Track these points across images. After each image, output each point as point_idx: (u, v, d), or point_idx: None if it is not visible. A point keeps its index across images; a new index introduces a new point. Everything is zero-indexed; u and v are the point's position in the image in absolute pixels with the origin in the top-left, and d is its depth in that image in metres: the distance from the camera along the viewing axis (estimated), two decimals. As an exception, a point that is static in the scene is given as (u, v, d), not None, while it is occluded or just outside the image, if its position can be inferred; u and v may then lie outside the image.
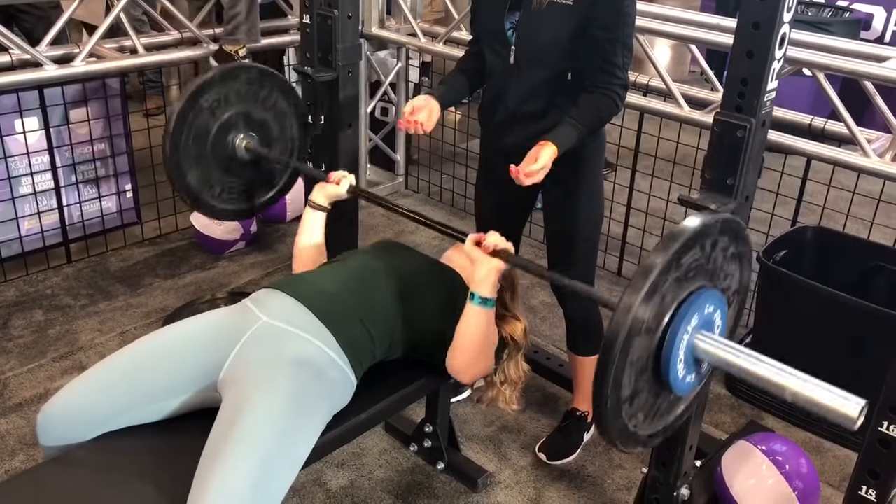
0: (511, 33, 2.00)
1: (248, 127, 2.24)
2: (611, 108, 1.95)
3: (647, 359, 1.34)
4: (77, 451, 1.63)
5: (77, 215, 3.25)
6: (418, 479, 2.28)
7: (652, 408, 1.42)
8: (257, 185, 2.36)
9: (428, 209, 3.97)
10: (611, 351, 1.25)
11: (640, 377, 1.34)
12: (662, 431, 1.49)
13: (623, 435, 1.37)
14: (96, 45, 3.04)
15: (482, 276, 1.75)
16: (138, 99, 4.27)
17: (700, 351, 1.38)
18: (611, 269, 3.43)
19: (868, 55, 2.62)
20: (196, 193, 2.21)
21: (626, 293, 1.26)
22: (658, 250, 1.29)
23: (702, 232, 1.36)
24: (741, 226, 1.47)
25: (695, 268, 1.38)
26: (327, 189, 2.09)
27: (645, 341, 1.31)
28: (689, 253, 1.34)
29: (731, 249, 1.47)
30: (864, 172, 2.57)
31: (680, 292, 1.35)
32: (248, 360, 1.63)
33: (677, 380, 1.37)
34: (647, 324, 1.29)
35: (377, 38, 3.78)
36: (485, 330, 1.79)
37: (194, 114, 2.12)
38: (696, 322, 1.37)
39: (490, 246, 1.75)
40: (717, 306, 1.42)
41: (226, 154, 2.22)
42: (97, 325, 2.89)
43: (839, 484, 2.30)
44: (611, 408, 1.29)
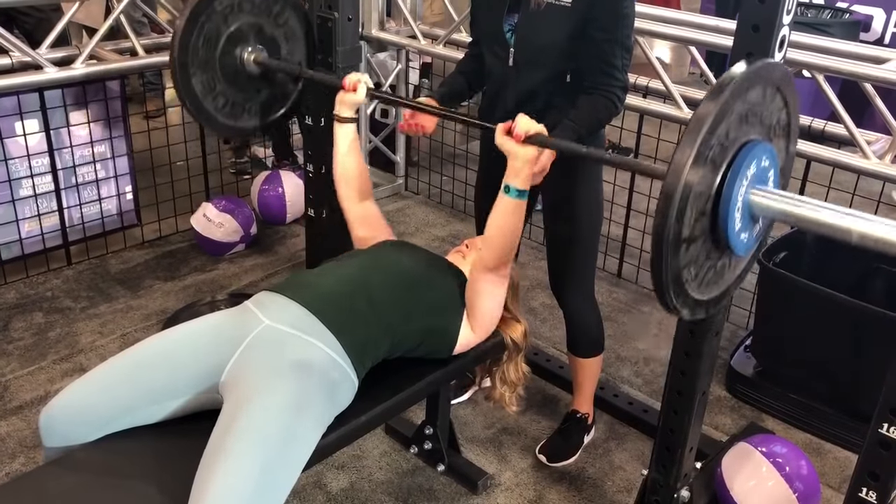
0: (510, 35, 2.00)
1: (258, 40, 2.22)
2: (610, 109, 1.95)
3: (705, 204, 1.28)
4: (78, 453, 1.63)
5: (77, 217, 3.25)
6: (419, 481, 2.28)
7: (704, 267, 1.35)
8: (263, 104, 2.33)
9: (428, 211, 3.97)
10: (668, 208, 1.19)
11: (696, 223, 1.27)
12: (711, 302, 1.41)
13: (677, 283, 1.28)
14: (96, 48, 3.04)
15: (517, 168, 1.71)
16: (138, 101, 4.27)
17: (757, 206, 1.33)
18: (611, 270, 3.43)
19: (868, 57, 2.62)
20: (199, 100, 2.17)
21: (675, 153, 1.20)
22: (718, 88, 1.23)
23: (754, 77, 1.30)
24: (789, 75, 1.40)
25: (754, 114, 1.32)
26: (346, 98, 2.05)
27: (704, 185, 1.25)
28: (750, 94, 1.29)
29: (780, 101, 1.40)
30: (863, 174, 2.57)
31: (738, 137, 1.29)
32: (249, 363, 1.63)
33: (734, 234, 1.31)
34: (703, 178, 1.23)
35: (377, 39, 3.78)
36: (518, 221, 1.78)
37: (207, 15, 2.09)
38: (752, 173, 1.31)
39: (522, 133, 1.68)
40: (772, 162, 1.36)
41: (233, 65, 2.20)
42: (97, 328, 2.89)
43: (839, 486, 2.30)
44: (671, 241, 1.21)
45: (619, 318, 3.11)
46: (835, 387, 2.49)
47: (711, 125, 1.21)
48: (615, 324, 3.07)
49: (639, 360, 2.88)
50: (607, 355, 2.84)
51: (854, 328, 2.38)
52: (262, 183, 3.65)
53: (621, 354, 2.90)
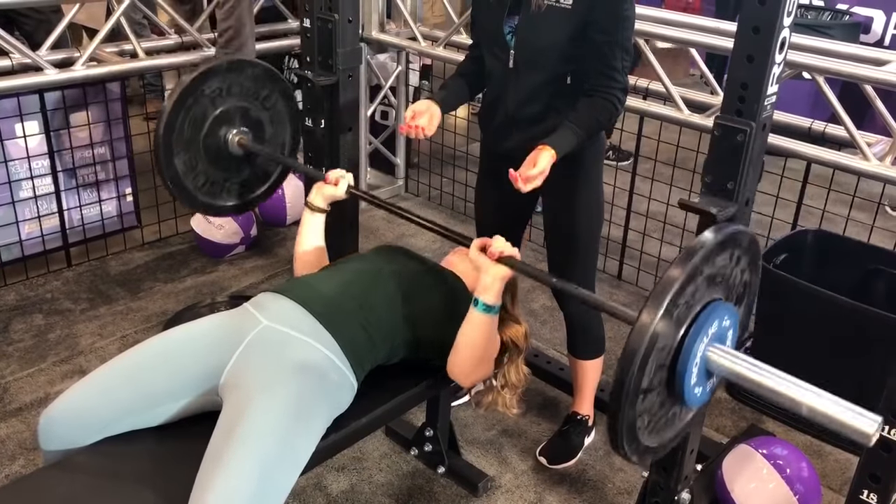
0: (510, 37, 2.00)
1: (244, 123, 2.24)
2: (610, 111, 1.95)
3: (666, 356, 1.33)
4: (77, 456, 1.62)
5: (77, 219, 3.25)
6: (419, 483, 2.28)
7: (657, 415, 1.41)
8: (243, 184, 2.36)
9: (428, 213, 3.97)
10: (630, 363, 1.25)
11: (655, 375, 1.33)
12: (657, 449, 1.48)
13: (630, 432, 1.34)
14: (97, 49, 3.04)
15: (487, 284, 1.74)
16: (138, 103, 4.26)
17: (713, 364, 1.38)
18: (611, 272, 3.43)
19: (868, 59, 2.62)
20: (179, 179, 2.20)
21: (645, 309, 1.26)
22: (680, 261, 1.29)
23: (721, 245, 1.36)
24: (756, 241, 1.47)
25: (720, 276, 1.38)
26: (325, 190, 2.07)
27: (667, 339, 1.30)
28: (718, 258, 1.35)
29: (745, 263, 1.46)
30: (863, 176, 2.57)
31: (704, 297, 1.35)
32: (249, 364, 1.63)
33: (689, 387, 1.37)
34: (667, 333, 1.29)
35: (377, 41, 3.78)
36: (488, 336, 1.79)
37: (194, 99, 2.12)
38: (713, 331, 1.37)
39: (496, 252, 1.72)
40: (732, 323, 1.42)
41: (216, 145, 2.22)
42: (97, 330, 2.89)
43: (840, 488, 2.29)
44: (631, 391, 1.27)
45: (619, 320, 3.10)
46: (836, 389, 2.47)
47: (679, 287, 1.27)
48: (616, 325, 3.06)
49: (639, 362, 2.87)
50: (608, 357, 2.83)
51: (855, 330, 2.38)
52: (262, 185, 3.65)
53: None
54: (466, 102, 2.26)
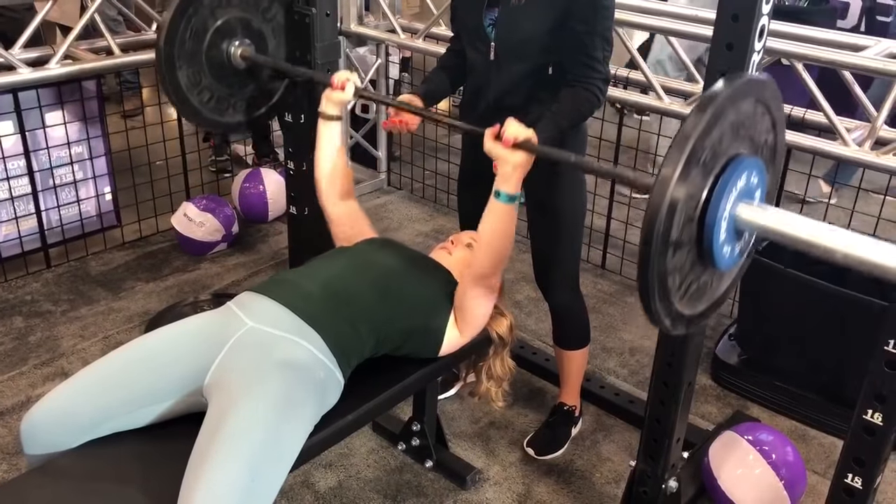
0: (490, 29, 1.99)
1: (246, 35, 2.20)
2: (591, 101, 1.95)
3: (694, 209, 1.27)
4: (61, 459, 1.60)
5: (55, 219, 3.21)
6: (407, 477, 2.27)
7: (687, 278, 1.34)
8: (249, 100, 2.31)
9: (411, 206, 3.96)
10: (658, 210, 1.19)
11: (684, 228, 1.26)
12: (691, 318, 1.39)
13: (662, 286, 1.27)
14: (71, 47, 3.00)
15: (507, 174, 1.69)
16: (116, 100, 4.22)
17: (743, 220, 1.32)
18: (594, 262, 3.43)
19: (845, 45, 2.64)
20: (184, 93, 2.15)
21: (667, 156, 1.19)
22: (713, 91, 1.22)
23: (744, 87, 1.29)
24: (779, 95, 1.40)
25: (745, 127, 1.31)
26: (333, 96, 2.03)
27: (690, 204, 1.24)
28: (743, 104, 1.28)
29: (769, 122, 1.40)
30: (843, 161, 2.59)
31: (730, 148, 1.28)
32: (233, 365, 1.62)
33: (718, 246, 1.31)
34: (693, 182, 1.22)
35: (356, 34, 3.76)
36: (510, 226, 1.77)
37: (194, 8, 2.07)
38: (741, 186, 1.31)
39: (511, 139, 1.66)
40: (759, 179, 1.36)
41: (220, 59, 2.18)
42: (79, 331, 2.86)
43: (825, 471, 2.31)
44: (660, 240, 1.20)
45: (605, 310, 3.12)
46: (819, 374, 2.51)
47: (704, 130, 1.20)
48: (600, 315, 3.08)
49: (624, 350, 2.89)
50: (593, 347, 2.85)
51: (837, 315, 2.40)
52: (243, 181, 3.62)
53: (607, 345, 2.90)
54: (449, 95, 2.25)
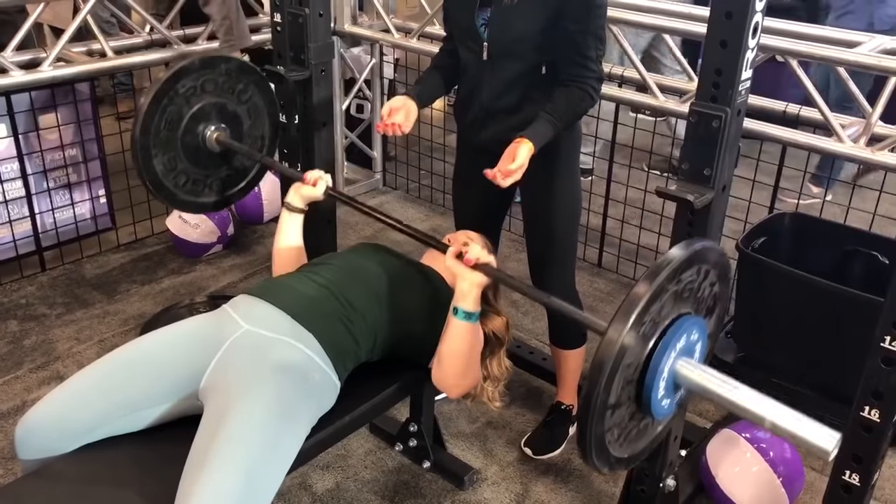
0: (483, 29, 1.99)
1: (221, 119, 2.21)
2: (586, 101, 1.95)
3: (633, 373, 1.34)
4: (57, 464, 1.60)
5: (50, 223, 3.20)
6: (404, 478, 2.27)
7: (626, 428, 1.42)
8: (224, 180, 2.33)
9: (407, 206, 3.96)
10: (603, 361, 1.26)
11: (623, 390, 1.34)
12: (629, 459, 1.49)
13: (599, 445, 1.36)
14: (64, 49, 2.99)
15: (465, 291, 1.72)
16: (109, 102, 4.22)
17: (681, 377, 1.38)
18: (591, 260, 3.43)
19: (839, 41, 2.63)
20: (160, 180, 2.17)
21: (612, 324, 1.27)
22: (645, 279, 1.30)
23: (698, 257, 1.37)
24: (724, 255, 1.47)
25: (687, 291, 1.38)
26: (302, 191, 2.05)
27: (634, 356, 1.31)
28: (684, 274, 1.35)
29: (713, 277, 1.46)
30: (838, 158, 2.59)
31: (671, 313, 1.36)
32: (229, 368, 1.61)
33: (656, 400, 1.37)
34: (638, 341, 1.29)
35: (350, 34, 3.75)
36: (470, 343, 1.77)
37: (169, 98, 2.09)
38: (681, 346, 1.37)
39: (472, 260, 1.70)
40: (700, 335, 1.43)
41: (195, 143, 2.19)
42: (74, 334, 2.85)
43: (823, 468, 2.31)
44: (598, 409, 1.29)
45: (601, 308, 3.11)
46: (816, 370, 2.51)
47: (644, 307, 1.26)
48: (597, 313, 3.06)
49: (621, 349, 2.88)
50: (590, 345, 2.85)
51: (833, 312, 2.39)
52: (238, 182, 3.61)
53: (604, 344, 2.90)
54: (443, 95, 2.25)
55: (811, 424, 1.28)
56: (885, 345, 1.52)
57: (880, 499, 2.24)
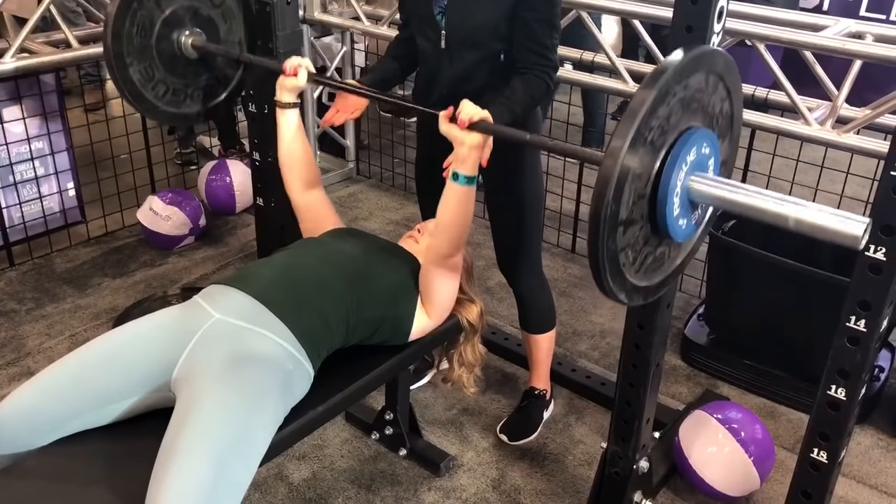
0: (440, 17, 1.98)
1: (195, 23, 2.16)
2: (542, 89, 1.96)
3: (645, 186, 1.28)
4: (28, 459, 1.58)
5: (18, 217, 3.15)
6: (381, 466, 2.28)
7: (642, 252, 1.35)
8: (205, 89, 2.28)
9: (381, 195, 3.95)
10: (604, 191, 1.19)
11: (635, 205, 1.27)
12: (648, 289, 1.41)
13: (613, 265, 1.28)
14: (27, 40, 2.93)
15: (463, 155, 1.68)
16: (77, 94, 4.15)
17: (696, 192, 1.33)
18: (564, 246, 3.45)
19: (806, 25, 2.66)
20: (138, 90, 2.12)
21: (613, 137, 1.19)
22: (649, 79, 1.22)
23: (693, 62, 1.29)
24: (732, 64, 1.40)
25: (695, 101, 1.32)
26: (286, 83, 1.99)
27: (643, 166, 1.25)
28: (692, 79, 1.28)
29: (723, 91, 1.40)
30: (806, 140, 2.61)
31: (679, 122, 1.29)
32: (201, 358, 1.60)
33: (672, 219, 1.32)
34: (642, 160, 1.23)
35: (320, 22, 3.72)
36: (468, 208, 1.76)
37: (139, 2, 2.04)
38: (692, 160, 1.32)
39: (466, 119, 1.65)
40: (712, 150, 1.37)
41: (171, 51, 2.14)
42: (45, 329, 2.81)
43: (793, 447, 2.35)
44: (608, 220, 1.21)
45: (575, 293, 3.13)
46: (786, 351, 2.55)
47: (650, 107, 1.20)
48: (571, 299, 3.10)
49: (595, 333, 2.91)
50: (564, 330, 2.87)
51: (803, 293, 2.43)
52: (209, 173, 3.58)
53: (578, 329, 2.92)
54: (398, 84, 2.24)
55: (835, 215, 1.25)
56: (850, 324, 1.55)
57: (848, 475, 2.29)
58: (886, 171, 1.43)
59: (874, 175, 2.57)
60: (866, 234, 1.24)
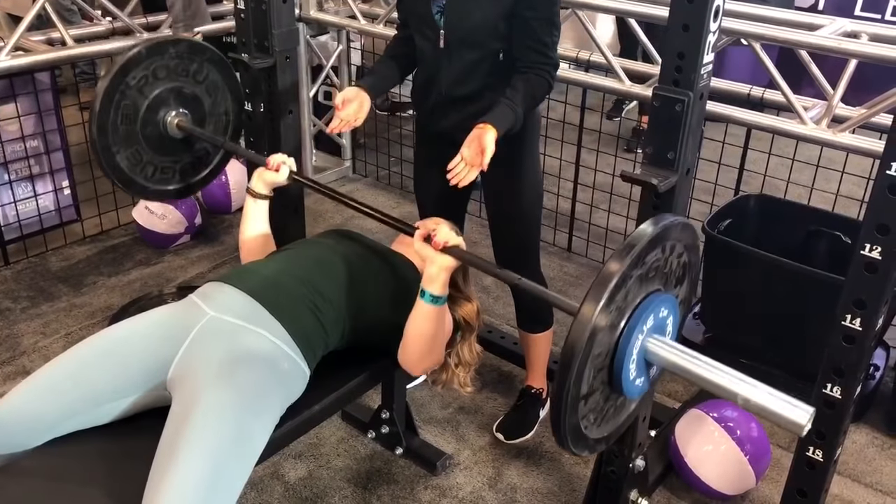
0: (439, 17, 1.98)
1: (180, 103, 2.18)
2: (544, 87, 1.96)
3: (603, 360, 1.35)
4: (24, 459, 1.58)
5: (13, 215, 3.15)
6: (377, 465, 2.27)
7: (602, 410, 1.43)
8: (192, 164, 2.30)
9: (377, 193, 3.94)
10: (571, 358, 1.26)
11: (595, 378, 1.35)
12: (609, 437, 1.50)
13: (575, 434, 1.37)
14: (22, 38, 2.93)
15: (433, 275, 1.71)
16: (72, 92, 4.14)
17: (652, 354, 1.39)
18: (560, 245, 3.45)
19: (802, 24, 2.66)
20: (127, 176, 2.14)
21: (584, 303, 1.26)
22: (616, 257, 1.29)
23: (660, 237, 1.37)
24: (687, 226, 1.47)
25: (653, 270, 1.38)
26: (265, 176, 2.03)
27: (602, 345, 1.32)
28: (648, 256, 1.35)
29: (680, 248, 1.47)
30: (801, 139, 2.62)
31: (637, 296, 1.36)
32: (196, 357, 1.60)
33: (629, 382, 1.38)
34: (605, 330, 1.30)
35: (316, 20, 3.72)
36: (436, 326, 1.77)
37: (121, 93, 2.05)
38: (650, 325, 1.38)
39: (440, 243, 1.70)
40: (670, 310, 1.43)
41: (157, 133, 2.16)
42: (40, 328, 2.81)
43: (788, 445, 2.36)
44: (569, 404, 1.29)
45: (571, 292, 3.13)
46: (782, 350, 2.55)
47: (608, 299, 1.26)
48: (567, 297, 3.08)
49: (591, 332, 2.90)
50: (560, 329, 2.86)
51: (798, 292, 2.43)
52: (205, 172, 3.57)
53: (574, 328, 2.92)
54: (397, 84, 2.24)
55: (783, 400, 1.28)
56: (845, 323, 1.55)
57: (843, 473, 2.29)
58: (882, 169, 1.44)
59: (869, 174, 2.58)
60: (809, 424, 1.27)
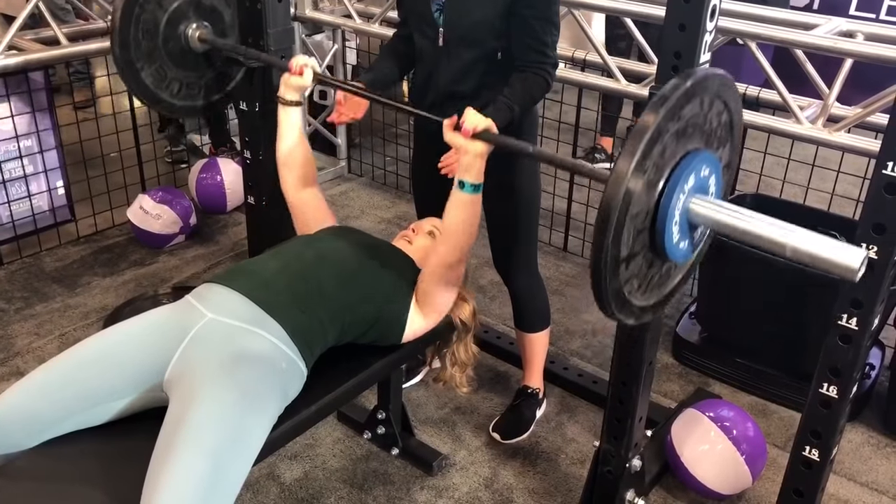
0: (438, 15, 1.98)
1: (200, 15, 2.16)
2: (542, 86, 1.96)
3: (643, 221, 1.28)
4: (20, 460, 1.57)
5: (6, 215, 3.13)
6: (373, 466, 2.27)
7: (647, 276, 1.36)
8: (216, 79, 2.28)
9: (372, 193, 3.94)
10: (608, 215, 1.19)
11: (636, 241, 1.28)
12: (655, 307, 1.42)
13: (618, 299, 1.30)
14: (16, 37, 2.91)
15: (468, 163, 1.69)
16: (66, 92, 4.13)
17: (695, 214, 1.33)
18: (556, 244, 3.45)
19: (797, 23, 2.67)
20: (153, 93, 2.12)
21: (618, 159, 1.20)
22: (650, 109, 1.21)
23: (695, 89, 1.29)
24: (727, 80, 1.39)
25: (691, 126, 1.31)
26: (291, 81, 2.00)
27: (640, 204, 1.25)
28: (684, 110, 1.27)
29: (720, 105, 1.40)
30: (797, 139, 2.62)
31: (676, 153, 1.29)
32: (194, 358, 1.59)
33: (672, 245, 1.32)
34: (642, 188, 1.23)
35: (311, 20, 3.71)
36: (475, 215, 1.77)
37: (140, 6, 2.03)
38: (691, 185, 1.31)
39: (470, 129, 1.66)
40: (713, 170, 1.36)
41: (179, 47, 2.14)
42: (34, 329, 2.80)
43: (784, 444, 2.36)
44: (609, 266, 1.22)
45: (567, 292, 3.13)
46: (778, 349, 2.55)
47: (641, 156, 1.20)
48: (563, 297, 3.09)
49: (587, 332, 2.91)
50: (557, 329, 2.87)
51: (794, 291, 2.43)
52: (199, 171, 3.56)
53: (570, 327, 2.92)
54: (396, 82, 2.24)
55: (833, 243, 1.22)
56: (841, 322, 1.55)
57: (839, 472, 2.29)
58: (878, 169, 1.44)
59: (865, 173, 2.58)
60: (862, 266, 1.21)
